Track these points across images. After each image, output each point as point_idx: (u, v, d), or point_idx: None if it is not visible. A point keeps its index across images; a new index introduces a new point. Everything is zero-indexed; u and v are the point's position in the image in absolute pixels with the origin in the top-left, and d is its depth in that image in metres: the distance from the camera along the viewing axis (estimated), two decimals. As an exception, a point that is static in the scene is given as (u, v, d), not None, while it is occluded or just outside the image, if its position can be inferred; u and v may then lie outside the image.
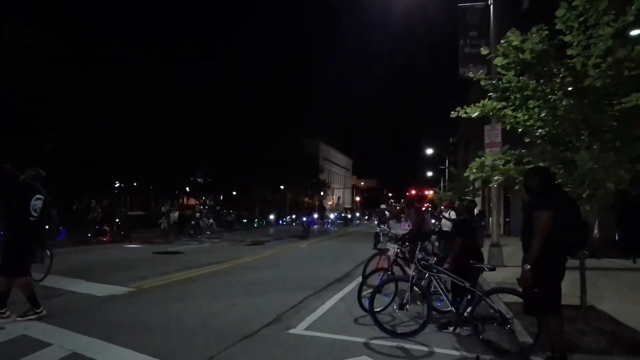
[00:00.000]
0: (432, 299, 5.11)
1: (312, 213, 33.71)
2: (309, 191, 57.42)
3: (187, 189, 35.03)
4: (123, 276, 8.09)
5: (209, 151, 29.36)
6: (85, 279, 7.68)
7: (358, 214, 60.70)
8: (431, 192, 54.78)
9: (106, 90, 20.97)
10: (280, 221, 36.82)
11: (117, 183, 28.24)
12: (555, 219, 3.47)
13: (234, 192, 38.79)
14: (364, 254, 11.48)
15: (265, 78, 40.12)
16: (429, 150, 43.07)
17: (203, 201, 35.71)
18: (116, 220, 16.81)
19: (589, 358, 4.01)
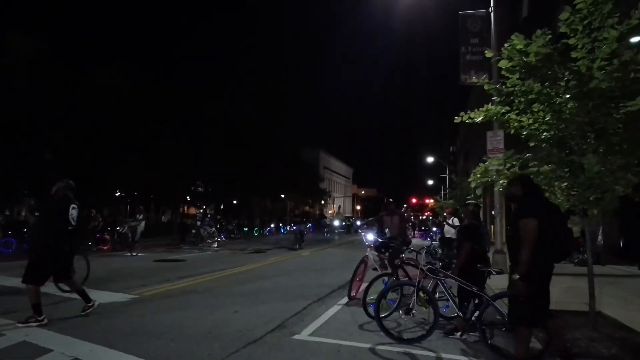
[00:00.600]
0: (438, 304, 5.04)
1: (306, 221, 29.74)
2: (309, 200, 57.37)
3: (188, 197, 35.05)
4: (124, 284, 8.01)
5: (208, 161, 29.47)
6: (85, 287, 7.57)
7: (359, 222, 60.52)
8: (432, 201, 54.78)
9: (104, 102, 21.13)
10: (281, 230, 36.73)
11: (118, 192, 28.24)
12: (540, 227, 3.44)
13: (234, 201, 38.77)
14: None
15: (266, 88, 40.34)
16: (430, 159, 43.08)
17: (204, 210, 35.64)
18: (117, 228, 16.73)
19: (601, 364, 3.93)
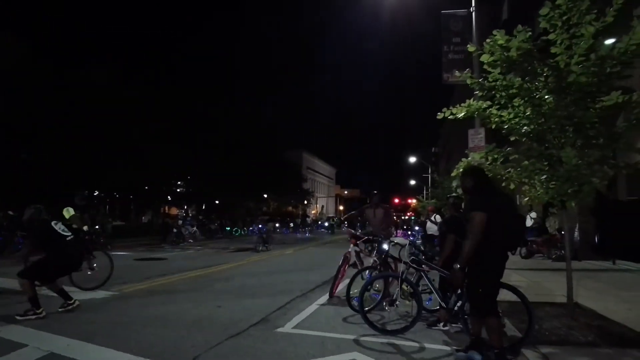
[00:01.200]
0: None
1: (272, 221, 25.82)
2: (292, 200, 57.25)
3: (169, 197, 34.55)
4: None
5: (190, 162, 29.15)
6: (63, 285, 7.36)
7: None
8: (414, 201, 55.38)
9: (84, 103, 20.68)
10: (264, 229, 36.51)
11: (96, 192, 27.63)
12: (491, 219, 3.48)
13: (216, 201, 38.40)
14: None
15: (248, 89, 40.23)
16: (412, 159, 43.52)
17: (185, 210, 35.19)
18: (96, 227, 16.39)
19: (579, 350, 4.02)
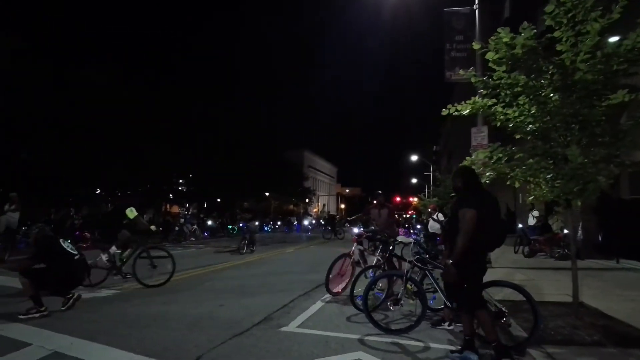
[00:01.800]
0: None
1: (255, 219, 18.88)
2: (293, 199, 57.22)
3: (171, 196, 34.57)
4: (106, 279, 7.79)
5: (190, 160, 29.17)
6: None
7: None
8: (415, 200, 55.29)
9: (82, 101, 20.64)
10: (265, 228, 36.57)
11: (98, 190, 27.67)
12: (478, 218, 3.60)
13: (218, 200, 38.42)
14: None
15: (249, 88, 40.28)
16: (413, 157, 43.46)
17: (187, 208, 35.21)
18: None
19: (585, 350, 3.99)
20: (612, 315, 5.29)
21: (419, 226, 23.65)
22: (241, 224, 17.65)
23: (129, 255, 7.49)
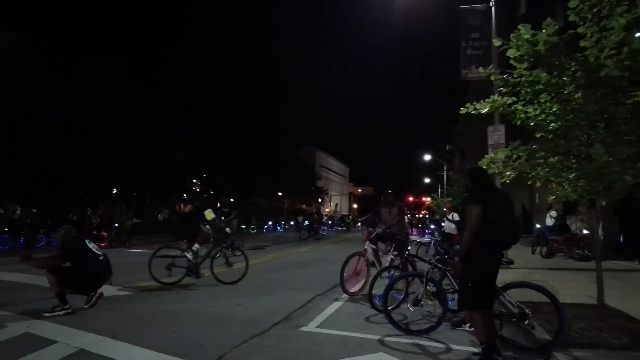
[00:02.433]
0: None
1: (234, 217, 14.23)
2: (305, 198, 57.28)
3: (185, 196, 34.95)
4: (124, 278, 7.91)
5: (204, 160, 29.45)
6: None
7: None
8: (428, 199, 54.87)
9: (98, 101, 20.97)
10: (277, 227, 36.72)
11: (115, 190, 28.09)
12: (485, 215, 3.57)
13: (231, 200, 38.71)
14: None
15: (262, 87, 40.52)
16: (427, 157, 43.12)
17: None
18: (114, 225, 16.65)
19: (612, 354, 3.90)
20: (638, 317, 5.15)
21: (432, 226, 23.50)
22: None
23: (206, 255, 7.81)
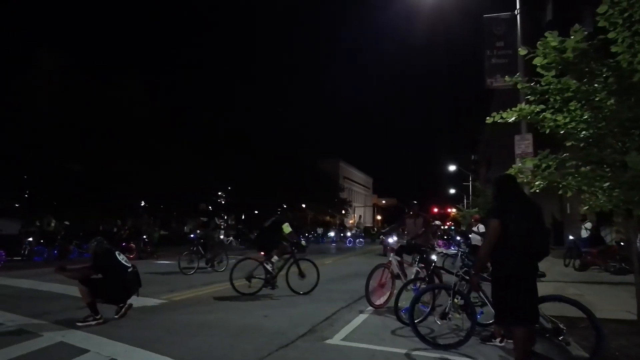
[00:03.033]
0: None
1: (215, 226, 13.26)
2: (329, 210, 57.22)
3: (210, 208, 35.53)
4: (153, 289, 8.05)
5: (229, 173, 29.94)
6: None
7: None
8: (454, 210, 53.78)
9: (125, 115, 21.71)
10: (300, 239, 36.71)
11: (142, 203, 28.85)
12: (507, 227, 3.44)
13: (255, 212, 39.06)
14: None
15: (284, 100, 41.16)
16: (451, 167, 42.43)
17: (225, 220, 36.03)
18: (143, 237, 17.05)
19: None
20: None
21: (458, 238, 22.98)
22: (192, 235, 13.47)
23: (281, 266, 8.09)
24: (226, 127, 31.08)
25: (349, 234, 38.18)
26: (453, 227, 43.91)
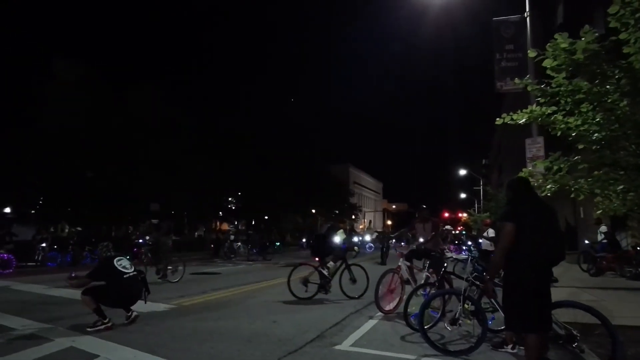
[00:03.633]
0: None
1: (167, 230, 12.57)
2: (336, 212, 57.12)
3: (220, 213, 35.73)
4: (163, 294, 8.12)
5: (239, 179, 30.12)
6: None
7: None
8: (464, 215, 53.23)
9: (138, 123, 22.00)
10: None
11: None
12: (521, 231, 3.35)
13: (265, 217, 39.17)
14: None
15: (295, 106, 41.41)
16: (462, 171, 42.08)
17: (235, 225, 36.18)
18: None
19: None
20: None
21: (469, 242, 22.72)
22: (140, 240, 12.38)
23: (334, 271, 8.27)
24: (238, 133, 31.35)
25: (368, 238, 37.52)
26: (465, 232, 43.49)
